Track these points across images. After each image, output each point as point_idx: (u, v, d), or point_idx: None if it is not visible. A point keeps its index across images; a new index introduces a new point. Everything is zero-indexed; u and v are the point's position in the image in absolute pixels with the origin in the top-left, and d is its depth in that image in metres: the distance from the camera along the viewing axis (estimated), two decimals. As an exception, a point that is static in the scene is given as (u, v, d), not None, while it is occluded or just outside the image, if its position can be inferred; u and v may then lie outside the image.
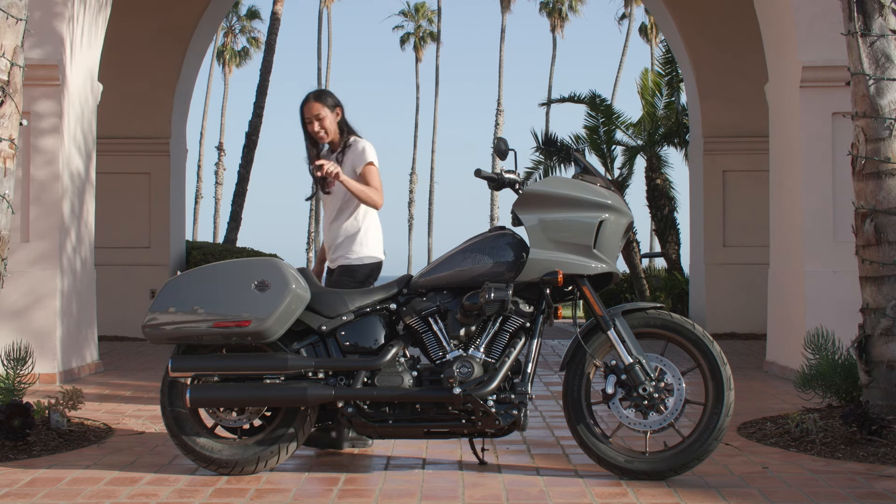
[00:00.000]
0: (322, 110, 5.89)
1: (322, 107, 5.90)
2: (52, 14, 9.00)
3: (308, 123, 5.90)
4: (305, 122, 5.91)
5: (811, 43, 8.94)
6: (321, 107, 5.90)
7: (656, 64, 18.75)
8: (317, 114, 5.89)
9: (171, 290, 5.05)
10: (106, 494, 4.71)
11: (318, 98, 5.92)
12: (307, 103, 5.91)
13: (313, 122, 5.89)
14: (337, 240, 5.94)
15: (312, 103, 5.90)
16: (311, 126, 5.89)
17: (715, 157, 13.92)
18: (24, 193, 8.87)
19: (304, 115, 5.91)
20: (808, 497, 4.62)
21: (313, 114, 5.89)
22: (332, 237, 5.98)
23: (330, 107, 5.93)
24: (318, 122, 5.89)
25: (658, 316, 5.02)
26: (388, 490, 4.79)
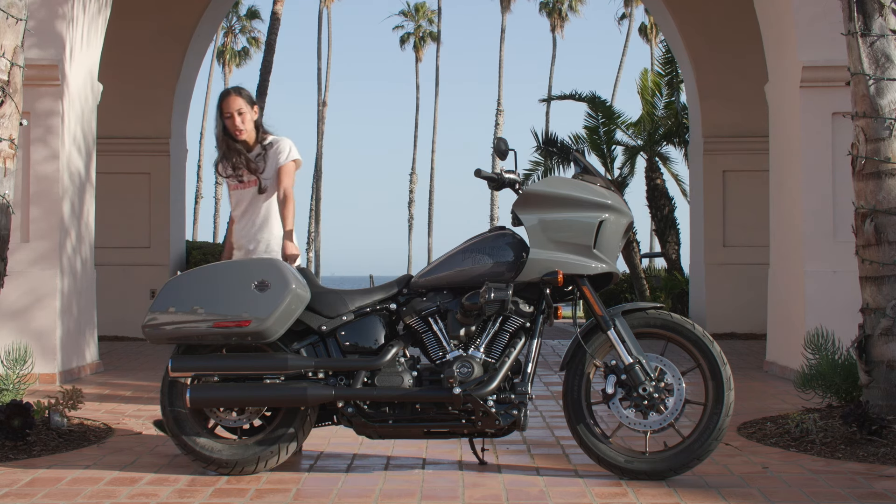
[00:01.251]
0: (244, 106, 5.82)
1: (244, 103, 5.83)
2: (53, 14, 9.00)
3: (228, 118, 5.81)
4: (225, 116, 5.81)
5: (811, 43, 8.94)
6: (243, 102, 5.83)
7: (656, 64, 18.75)
8: (238, 108, 5.81)
9: (171, 290, 5.05)
10: (106, 494, 4.71)
11: (239, 93, 5.85)
12: (229, 97, 5.82)
13: (234, 116, 5.80)
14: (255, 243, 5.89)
15: (234, 97, 5.82)
16: (232, 120, 5.79)
17: (715, 157, 13.92)
18: (24, 193, 8.87)
19: (223, 109, 5.82)
20: (808, 497, 4.62)
21: (234, 108, 5.81)
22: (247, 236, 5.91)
23: (250, 104, 5.87)
24: (238, 117, 5.80)
25: (658, 316, 5.02)
26: (388, 490, 4.79)
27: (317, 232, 58.51)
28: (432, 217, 62.32)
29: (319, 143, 58.32)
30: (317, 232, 58.51)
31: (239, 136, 5.83)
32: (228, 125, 5.81)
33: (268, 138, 5.90)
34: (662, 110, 17.70)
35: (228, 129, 5.82)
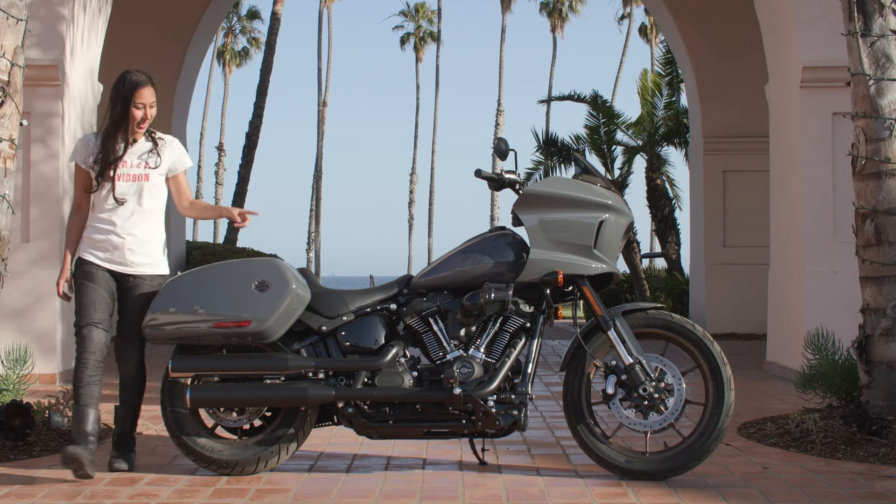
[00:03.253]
0: (154, 100, 5.28)
1: (154, 96, 5.29)
2: (53, 14, 9.00)
3: (138, 108, 5.19)
4: (136, 105, 5.19)
5: (811, 43, 8.93)
6: (154, 95, 5.28)
7: (656, 64, 18.75)
8: (151, 102, 5.25)
9: (171, 291, 5.06)
10: (106, 495, 4.71)
11: (153, 85, 5.29)
12: (145, 87, 5.22)
13: (145, 108, 5.22)
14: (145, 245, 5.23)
15: (150, 88, 5.25)
16: (142, 111, 5.20)
17: (715, 158, 13.91)
18: (24, 193, 8.87)
19: (136, 97, 5.18)
20: (809, 497, 4.62)
21: (149, 100, 5.23)
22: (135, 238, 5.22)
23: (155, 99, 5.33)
24: (148, 111, 5.24)
25: (658, 316, 5.02)
26: (389, 490, 4.79)
27: (317, 232, 58.51)
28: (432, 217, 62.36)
29: (320, 143, 58.34)
30: (317, 232, 58.51)
31: (140, 129, 5.25)
32: (133, 114, 5.19)
33: (158, 134, 5.38)
34: (663, 110, 17.70)
35: (134, 119, 5.20)
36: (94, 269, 5.16)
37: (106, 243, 5.16)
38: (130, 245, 5.18)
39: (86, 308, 5.13)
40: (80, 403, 5.08)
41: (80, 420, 5.04)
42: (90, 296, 5.13)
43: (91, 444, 5.00)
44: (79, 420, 5.04)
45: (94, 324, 5.11)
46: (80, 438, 4.99)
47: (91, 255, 5.18)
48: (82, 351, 5.11)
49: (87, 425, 5.02)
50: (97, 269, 5.16)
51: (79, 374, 5.09)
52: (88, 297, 5.13)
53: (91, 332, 5.10)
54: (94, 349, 5.11)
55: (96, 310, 5.13)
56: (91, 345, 5.09)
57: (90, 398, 5.11)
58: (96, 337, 5.11)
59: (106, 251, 5.17)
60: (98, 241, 5.18)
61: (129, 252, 5.18)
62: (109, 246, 5.16)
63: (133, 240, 5.18)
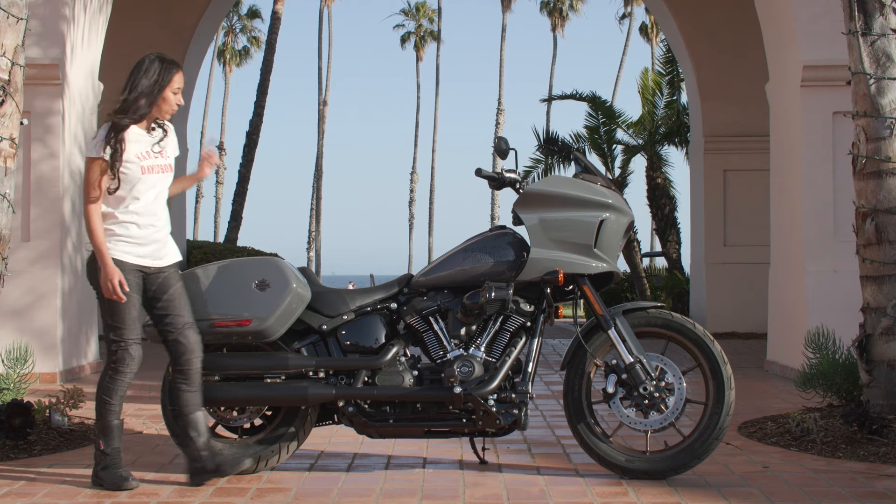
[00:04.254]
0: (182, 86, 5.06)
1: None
2: (54, 13, 8.99)
3: (175, 93, 4.94)
4: (174, 90, 4.93)
5: (812, 42, 8.93)
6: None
7: (657, 63, 18.75)
8: (181, 87, 5.02)
9: (171, 290, 5.05)
10: (107, 494, 4.71)
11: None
12: (181, 71, 5.00)
13: (179, 94, 4.99)
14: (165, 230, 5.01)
15: (182, 74, 5.01)
16: (177, 97, 4.96)
17: (716, 157, 13.91)
18: (24, 192, 8.87)
19: (174, 82, 4.93)
20: (809, 496, 4.62)
21: (181, 86, 5.01)
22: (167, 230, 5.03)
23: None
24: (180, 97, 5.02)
25: (659, 315, 5.02)
26: (389, 489, 4.79)
27: (317, 231, 58.51)
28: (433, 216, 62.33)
29: (320, 142, 58.33)
30: (317, 231, 58.51)
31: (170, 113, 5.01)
32: (168, 98, 4.92)
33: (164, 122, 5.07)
34: (663, 110, 17.70)
35: (168, 103, 4.94)
36: (132, 273, 4.83)
37: (145, 238, 4.88)
38: (165, 238, 4.98)
39: (131, 322, 4.85)
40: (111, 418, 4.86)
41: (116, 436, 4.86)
42: (136, 307, 4.86)
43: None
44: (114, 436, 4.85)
45: (137, 341, 4.87)
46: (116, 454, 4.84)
47: (127, 254, 4.85)
48: (123, 367, 4.86)
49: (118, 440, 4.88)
50: (132, 274, 4.83)
51: (116, 388, 4.86)
52: (135, 308, 4.86)
53: (135, 350, 4.87)
54: (135, 367, 4.89)
55: (138, 324, 4.89)
56: (134, 363, 4.87)
57: (119, 413, 4.92)
58: (138, 355, 4.88)
59: (144, 246, 4.88)
60: (136, 238, 4.87)
61: (163, 245, 4.97)
62: (148, 241, 4.90)
63: (167, 231, 5.00)
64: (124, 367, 4.86)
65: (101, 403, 4.87)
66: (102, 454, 4.83)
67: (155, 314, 4.91)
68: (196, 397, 4.88)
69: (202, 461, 4.84)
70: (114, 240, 4.84)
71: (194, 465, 4.87)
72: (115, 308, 4.82)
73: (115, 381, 4.87)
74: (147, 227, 4.89)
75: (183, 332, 4.87)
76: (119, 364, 4.86)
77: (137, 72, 4.91)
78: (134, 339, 4.86)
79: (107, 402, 4.86)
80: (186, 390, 4.86)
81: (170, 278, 4.93)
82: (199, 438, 4.85)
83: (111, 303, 4.81)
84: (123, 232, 4.85)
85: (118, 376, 4.86)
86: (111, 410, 4.86)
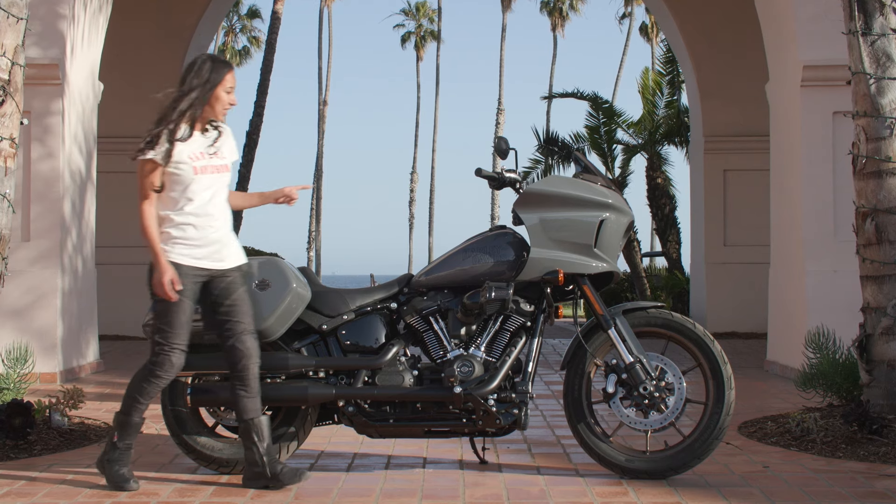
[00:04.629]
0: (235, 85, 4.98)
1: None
2: (53, 13, 8.99)
3: (228, 92, 4.90)
4: (226, 89, 4.89)
5: (812, 42, 8.93)
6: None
7: (657, 63, 18.75)
8: (234, 86, 4.97)
9: (171, 290, 5.05)
10: (107, 494, 4.71)
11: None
12: (232, 70, 4.95)
13: (232, 93, 4.94)
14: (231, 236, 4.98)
15: (234, 73, 4.97)
16: (230, 96, 4.92)
17: (716, 157, 13.91)
18: (24, 192, 8.87)
19: (226, 81, 4.89)
20: (809, 496, 4.62)
21: (233, 85, 4.95)
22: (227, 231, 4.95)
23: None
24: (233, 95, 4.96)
25: (659, 315, 5.02)
26: (389, 489, 4.79)
27: (317, 231, 58.50)
28: (433, 216, 62.32)
29: (320, 142, 58.33)
30: (317, 231, 58.50)
31: (224, 112, 4.96)
32: (222, 97, 4.88)
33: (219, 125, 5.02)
34: (663, 109, 17.70)
35: (221, 103, 4.90)
36: (188, 278, 4.76)
37: (202, 239, 4.80)
38: (226, 239, 4.89)
39: (179, 327, 4.76)
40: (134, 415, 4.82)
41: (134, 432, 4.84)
42: (186, 313, 4.78)
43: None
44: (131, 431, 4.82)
45: (182, 348, 4.78)
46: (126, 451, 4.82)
47: (185, 256, 4.77)
48: (161, 372, 4.77)
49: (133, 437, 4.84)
50: (189, 279, 4.76)
51: (149, 390, 4.78)
52: (185, 314, 4.78)
53: (178, 358, 4.77)
54: (172, 374, 4.80)
55: (186, 331, 4.80)
56: (173, 370, 4.78)
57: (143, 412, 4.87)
58: (178, 362, 4.78)
59: (202, 247, 4.80)
60: (193, 239, 4.79)
61: (224, 246, 4.87)
62: (206, 241, 4.81)
63: (226, 232, 4.90)
64: (162, 371, 4.78)
65: (130, 400, 4.82)
66: (113, 447, 4.81)
67: (216, 318, 4.84)
68: (255, 403, 4.82)
69: (262, 467, 4.80)
70: (171, 242, 4.78)
71: (253, 470, 4.82)
72: (165, 310, 4.75)
73: (150, 383, 4.79)
74: (204, 228, 4.81)
75: (240, 337, 4.80)
76: (157, 367, 4.78)
77: (189, 72, 4.89)
78: (178, 346, 4.77)
79: (136, 399, 4.81)
80: (245, 396, 4.81)
81: (234, 283, 4.85)
82: (260, 444, 4.80)
83: (162, 304, 4.76)
84: (180, 234, 4.79)
85: (154, 379, 4.79)
86: (137, 408, 4.83)
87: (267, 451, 4.80)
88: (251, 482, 4.81)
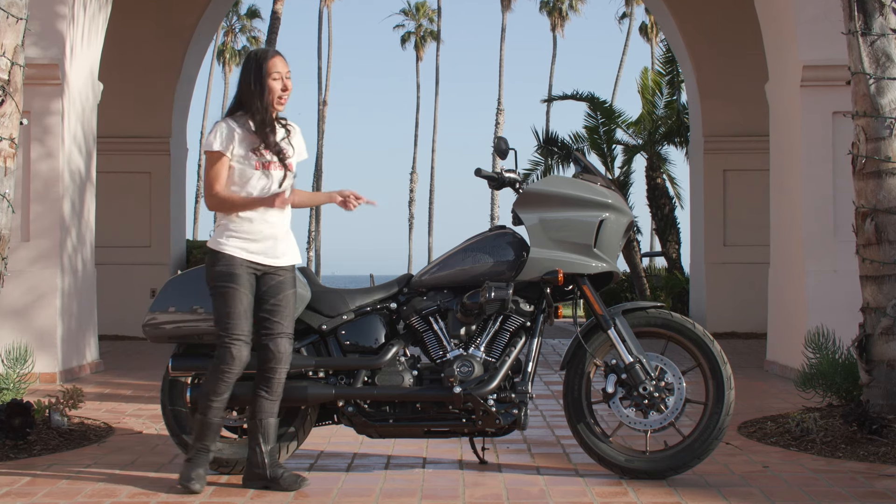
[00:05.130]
0: (289, 70, 4.89)
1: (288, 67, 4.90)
2: (53, 13, 9.00)
3: (275, 79, 4.80)
4: (272, 77, 4.80)
5: (812, 42, 8.93)
6: (288, 66, 4.90)
7: (657, 63, 18.76)
8: (287, 72, 4.86)
9: (171, 290, 5.06)
10: (106, 493, 4.70)
11: (284, 57, 4.90)
12: (277, 56, 4.85)
13: (282, 79, 4.83)
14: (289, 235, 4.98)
15: (282, 59, 4.86)
16: (280, 82, 4.81)
17: (715, 157, 13.92)
18: (24, 192, 8.87)
19: (273, 68, 4.80)
20: (809, 496, 4.61)
21: (284, 70, 4.85)
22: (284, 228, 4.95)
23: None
24: (286, 81, 4.85)
25: (658, 315, 5.02)
26: (389, 489, 4.79)
27: (317, 231, 58.51)
28: (433, 216, 62.33)
29: (320, 142, 58.33)
30: (317, 231, 58.51)
31: (280, 104, 4.85)
32: (272, 86, 4.79)
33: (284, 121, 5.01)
34: (663, 109, 17.71)
35: (273, 92, 4.80)
36: (243, 269, 4.75)
37: (258, 234, 4.79)
38: (282, 236, 4.88)
39: (238, 318, 4.71)
40: (211, 416, 4.76)
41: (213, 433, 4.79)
42: (243, 303, 4.73)
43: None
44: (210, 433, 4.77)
45: (245, 339, 4.73)
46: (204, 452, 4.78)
47: (240, 250, 4.77)
48: (224, 367, 4.71)
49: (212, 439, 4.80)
50: (244, 270, 4.76)
51: (218, 388, 4.73)
52: (242, 304, 4.72)
53: (242, 350, 4.71)
54: (239, 367, 4.73)
55: (247, 321, 4.74)
56: (239, 363, 4.71)
57: (220, 412, 4.82)
58: (240, 355, 4.71)
59: (257, 242, 4.78)
60: (249, 233, 4.79)
61: (281, 243, 4.86)
62: (262, 237, 4.80)
63: (284, 230, 4.90)
64: (226, 364, 4.71)
65: (204, 400, 4.77)
66: (191, 447, 4.80)
67: (259, 314, 4.81)
68: (273, 406, 4.82)
69: (262, 468, 4.79)
70: (226, 234, 4.80)
71: (253, 471, 4.81)
72: (223, 302, 4.73)
73: (217, 379, 4.73)
74: (261, 223, 4.81)
75: (276, 339, 4.78)
76: (221, 361, 4.72)
77: (241, 70, 4.88)
78: (238, 337, 4.71)
79: (208, 399, 4.75)
80: (265, 397, 4.80)
81: (283, 283, 4.84)
82: (265, 445, 4.80)
83: (219, 295, 4.74)
84: (237, 227, 4.80)
85: (220, 375, 4.73)
86: (211, 408, 4.76)
87: (270, 453, 4.80)
88: (251, 482, 4.81)
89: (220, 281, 4.75)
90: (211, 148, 4.80)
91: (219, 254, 4.79)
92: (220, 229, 4.83)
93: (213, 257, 4.80)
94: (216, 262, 4.78)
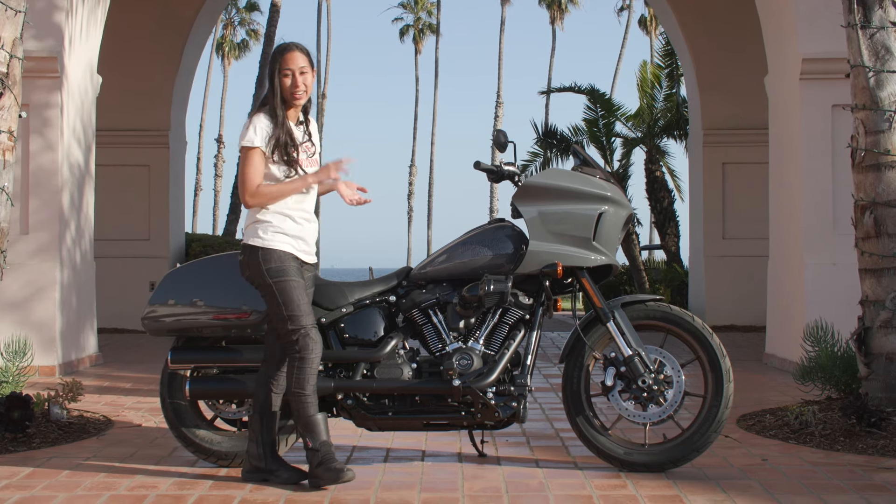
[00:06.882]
0: (308, 65, 4.82)
1: (308, 61, 4.83)
2: (52, 6, 8.98)
3: (285, 76, 4.78)
4: (284, 73, 4.78)
5: (811, 35, 8.92)
6: (308, 61, 4.83)
7: (656, 56, 18.78)
8: (302, 67, 4.80)
9: (170, 283, 5.06)
10: (105, 486, 4.71)
11: (303, 51, 4.83)
12: (291, 52, 4.78)
13: (293, 75, 4.79)
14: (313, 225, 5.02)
15: (298, 53, 4.79)
16: (290, 78, 4.78)
17: (715, 150, 13.92)
18: (23, 185, 8.87)
19: (283, 64, 4.77)
20: (808, 489, 4.62)
21: (299, 65, 4.79)
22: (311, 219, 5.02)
23: (312, 65, 4.86)
24: (297, 77, 4.79)
25: (657, 308, 5.02)
26: (388, 482, 4.79)
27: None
28: (432, 209, 62.29)
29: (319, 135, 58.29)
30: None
31: (298, 101, 4.83)
32: (284, 83, 4.78)
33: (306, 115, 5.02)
34: (662, 102, 17.71)
35: (285, 89, 4.80)
36: (292, 261, 4.78)
37: (298, 232, 4.84)
38: (313, 233, 4.95)
39: (304, 307, 4.72)
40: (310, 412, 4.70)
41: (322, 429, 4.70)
42: (300, 290, 4.74)
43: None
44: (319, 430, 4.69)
45: (314, 325, 4.74)
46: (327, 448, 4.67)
47: (289, 246, 4.80)
48: (308, 353, 4.68)
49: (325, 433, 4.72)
50: (294, 262, 4.79)
51: (306, 377, 4.68)
52: (303, 295, 4.74)
53: (316, 334, 4.71)
54: (319, 351, 4.70)
55: (309, 306, 4.76)
56: (317, 347, 4.69)
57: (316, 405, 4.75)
58: (319, 339, 4.71)
59: (298, 240, 4.84)
60: (291, 231, 4.82)
61: (311, 238, 4.93)
62: (300, 235, 4.85)
63: (314, 228, 4.98)
64: (308, 352, 4.68)
65: (297, 399, 4.69)
66: (313, 452, 4.67)
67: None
68: (277, 400, 4.85)
69: (261, 461, 4.80)
70: (271, 231, 4.78)
71: (253, 464, 4.82)
72: (286, 296, 4.70)
73: (303, 370, 4.68)
74: (301, 222, 4.87)
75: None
76: (303, 351, 4.68)
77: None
78: (311, 324, 4.71)
79: (301, 395, 4.69)
80: (273, 392, 4.83)
81: (310, 280, 4.93)
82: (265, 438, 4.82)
83: (282, 291, 4.71)
84: (280, 224, 4.80)
85: (305, 364, 4.68)
86: (308, 403, 4.70)
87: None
88: (250, 475, 4.82)
89: (276, 277, 4.72)
90: (252, 144, 4.77)
91: (270, 251, 4.75)
92: (263, 227, 4.78)
93: (263, 255, 4.75)
94: (268, 259, 4.74)
